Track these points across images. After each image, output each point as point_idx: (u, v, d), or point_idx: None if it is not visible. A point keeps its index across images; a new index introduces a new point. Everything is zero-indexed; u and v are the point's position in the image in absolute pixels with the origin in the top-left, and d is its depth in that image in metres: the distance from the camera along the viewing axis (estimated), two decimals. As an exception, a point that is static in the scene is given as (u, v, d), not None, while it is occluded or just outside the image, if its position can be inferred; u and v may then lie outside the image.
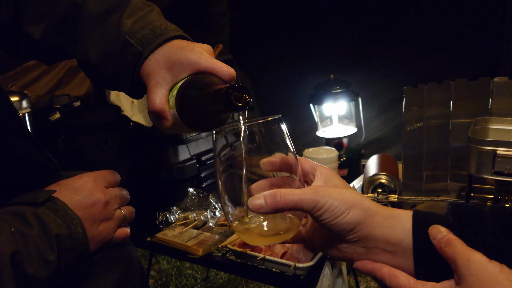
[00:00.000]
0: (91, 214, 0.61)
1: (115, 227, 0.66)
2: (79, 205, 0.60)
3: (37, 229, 0.52)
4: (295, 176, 0.49)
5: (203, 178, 1.93)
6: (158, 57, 0.58)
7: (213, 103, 0.52)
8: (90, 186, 0.63)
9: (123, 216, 0.68)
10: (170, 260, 1.82)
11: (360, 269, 0.47)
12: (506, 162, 0.90)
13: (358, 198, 0.45)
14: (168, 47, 0.58)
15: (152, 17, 0.61)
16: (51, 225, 0.54)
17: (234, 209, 0.50)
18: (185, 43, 0.59)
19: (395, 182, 1.09)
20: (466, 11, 1.93)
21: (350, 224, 0.44)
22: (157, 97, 0.56)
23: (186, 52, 0.57)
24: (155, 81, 0.57)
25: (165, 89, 0.57)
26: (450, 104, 1.15)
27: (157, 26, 0.59)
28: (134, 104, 1.86)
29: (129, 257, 0.70)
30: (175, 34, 0.59)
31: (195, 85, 0.55)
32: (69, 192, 0.60)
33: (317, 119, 1.98)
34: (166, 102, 0.56)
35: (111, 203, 0.64)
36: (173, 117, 0.56)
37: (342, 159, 1.82)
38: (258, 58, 2.46)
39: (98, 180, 0.65)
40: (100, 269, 0.65)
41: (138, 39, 0.58)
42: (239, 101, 0.49)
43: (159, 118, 0.57)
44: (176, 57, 0.57)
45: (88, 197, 0.62)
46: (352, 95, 1.88)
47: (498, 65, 1.86)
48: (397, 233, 0.44)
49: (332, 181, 0.49)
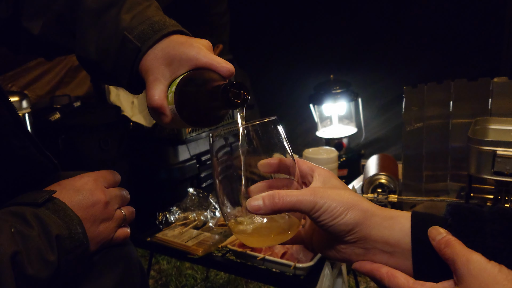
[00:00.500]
0: (91, 214, 0.61)
1: (115, 227, 0.66)
2: (79, 205, 0.60)
3: (37, 230, 0.53)
4: (293, 178, 0.49)
5: (203, 178, 1.93)
6: (156, 53, 0.57)
7: (212, 100, 0.52)
8: (91, 187, 0.63)
9: (123, 216, 0.68)
10: (170, 260, 1.82)
11: (359, 269, 0.47)
12: (506, 162, 0.90)
13: (357, 199, 0.45)
14: (167, 42, 0.58)
15: (150, 12, 0.61)
16: (51, 226, 0.54)
17: (232, 209, 0.50)
18: (184, 39, 0.59)
19: (395, 182, 1.09)
20: (466, 11, 1.93)
21: (349, 225, 0.44)
22: (156, 93, 0.56)
23: (185, 48, 0.56)
24: (153, 76, 0.57)
25: (163, 84, 0.57)
26: (450, 104, 1.16)
27: (155, 21, 0.59)
28: (134, 104, 1.86)
29: (129, 257, 0.70)
30: (174, 29, 0.59)
31: (193, 81, 0.55)
32: (69, 193, 0.60)
33: (317, 119, 1.98)
34: (165, 98, 0.56)
35: (111, 203, 0.65)
36: (172, 112, 0.56)
37: (342, 159, 1.82)
38: (258, 58, 2.46)
39: (99, 180, 0.65)
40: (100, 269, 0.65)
41: (137, 34, 0.58)
42: (237, 98, 0.49)
43: (158, 114, 0.57)
44: (174, 53, 0.56)
45: (88, 198, 0.62)
46: (352, 95, 1.88)
47: (498, 65, 1.86)
48: (395, 234, 0.44)
49: (330, 182, 0.49)
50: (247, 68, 2.45)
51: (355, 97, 1.89)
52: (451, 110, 1.16)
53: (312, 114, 2.00)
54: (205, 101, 0.52)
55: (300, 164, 0.51)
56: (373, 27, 2.14)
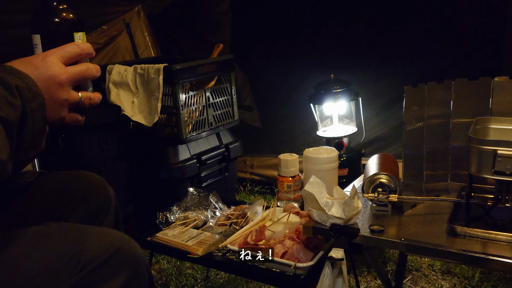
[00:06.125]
0: (43, 87, 0.64)
1: (66, 108, 0.69)
2: (33, 76, 0.64)
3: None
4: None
5: (203, 177, 1.93)
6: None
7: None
8: (47, 63, 0.66)
9: (78, 99, 0.70)
10: (170, 260, 1.82)
11: None
12: (506, 162, 0.90)
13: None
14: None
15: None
16: (9, 78, 0.59)
17: None
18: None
19: (396, 182, 1.09)
20: (466, 11, 1.93)
21: None
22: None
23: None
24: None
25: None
26: (451, 103, 1.15)
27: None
28: (134, 104, 1.86)
29: (136, 260, 0.70)
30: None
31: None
32: (23, 65, 0.64)
33: (317, 118, 1.98)
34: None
35: (66, 83, 0.67)
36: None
37: (343, 159, 1.82)
38: (259, 58, 2.45)
39: (57, 56, 0.67)
40: (107, 273, 0.65)
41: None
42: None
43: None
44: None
45: (43, 72, 0.65)
46: (352, 95, 1.87)
47: (499, 65, 1.86)
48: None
49: None
50: (247, 68, 2.45)
51: (356, 97, 1.89)
52: (452, 110, 1.16)
53: (312, 114, 1.99)
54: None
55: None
56: (373, 27, 2.13)
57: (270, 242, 1.13)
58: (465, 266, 1.60)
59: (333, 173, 1.45)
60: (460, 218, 1.01)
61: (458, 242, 0.93)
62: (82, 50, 0.70)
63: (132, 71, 1.84)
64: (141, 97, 1.84)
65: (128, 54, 2.53)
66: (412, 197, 1.09)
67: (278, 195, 1.50)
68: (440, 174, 1.19)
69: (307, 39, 2.29)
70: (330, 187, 1.08)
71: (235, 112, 2.09)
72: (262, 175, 2.44)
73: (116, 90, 1.89)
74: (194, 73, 1.83)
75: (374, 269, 1.53)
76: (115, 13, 2.47)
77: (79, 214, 0.91)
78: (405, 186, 1.09)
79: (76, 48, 0.70)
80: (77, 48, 0.70)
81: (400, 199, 1.07)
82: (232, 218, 1.31)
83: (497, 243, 0.92)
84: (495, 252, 0.88)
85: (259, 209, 1.33)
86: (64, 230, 0.72)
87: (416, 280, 1.61)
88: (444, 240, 0.94)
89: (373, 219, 1.06)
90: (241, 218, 1.30)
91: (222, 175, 2.05)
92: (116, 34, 2.49)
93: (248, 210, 1.32)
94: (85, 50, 0.71)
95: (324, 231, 1.01)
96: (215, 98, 1.98)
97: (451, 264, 1.65)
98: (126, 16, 2.51)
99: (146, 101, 1.83)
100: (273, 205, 1.32)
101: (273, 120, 2.44)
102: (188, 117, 1.86)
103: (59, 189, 0.93)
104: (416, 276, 1.64)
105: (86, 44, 0.72)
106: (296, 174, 1.48)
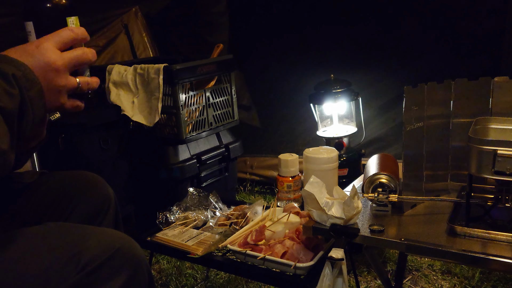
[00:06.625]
0: (40, 75, 0.63)
1: (65, 94, 0.68)
2: (30, 64, 0.63)
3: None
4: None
5: (203, 177, 1.93)
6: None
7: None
8: (42, 49, 0.65)
9: (76, 84, 0.69)
10: (170, 260, 1.82)
11: None
12: (506, 162, 0.90)
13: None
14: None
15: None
16: (5, 67, 0.59)
17: None
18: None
19: (396, 182, 1.08)
20: (466, 11, 1.93)
21: None
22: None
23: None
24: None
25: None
26: (451, 103, 1.15)
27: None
28: (134, 104, 1.86)
29: (136, 260, 0.69)
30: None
31: None
32: (18, 53, 0.63)
33: (317, 118, 1.98)
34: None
35: (63, 68, 0.66)
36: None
37: (343, 159, 1.82)
38: (258, 58, 2.45)
39: (52, 42, 0.66)
40: (107, 273, 0.65)
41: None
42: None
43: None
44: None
45: (39, 59, 0.64)
46: (352, 95, 1.87)
47: (499, 65, 1.86)
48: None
49: None
50: (247, 68, 2.45)
51: (356, 97, 1.89)
52: (452, 110, 1.16)
53: (312, 114, 1.99)
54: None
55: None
56: (373, 27, 2.13)
57: (270, 242, 1.13)
58: (465, 266, 1.60)
59: (333, 173, 1.45)
60: (460, 218, 1.01)
61: (458, 242, 0.93)
62: (77, 34, 0.69)
63: (132, 71, 1.84)
64: (141, 97, 1.84)
65: (127, 55, 2.53)
66: (412, 197, 1.09)
67: (278, 195, 1.50)
68: (440, 174, 1.19)
69: (307, 39, 2.29)
70: (330, 187, 1.08)
71: (235, 112, 2.09)
72: (262, 175, 2.44)
73: (116, 90, 1.88)
74: (194, 73, 1.83)
75: (374, 269, 1.53)
76: (115, 16, 2.48)
77: (79, 214, 0.91)
78: (405, 186, 1.09)
79: (70, 33, 0.69)
80: (71, 33, 0.69)
81: (400, 199, 1.07)
82: (232, 218, 1.31)
83: (497, 243, 0.92)
84: (495, 252, 0.88)
85: (259, 209, 1.33)
86: (64, 230, 0.72)
87: (416, 280, 1.61)
88: (444, 240, 0.94)
89: (373, 219, 1.06)
90: (241, 218, 1.30)
91: (222, 175, 2.05)
92: (115, 36, 2.50)
93: (248, 210, 1.32)
94: (80, 34, 0.70)
95: (324, 231, 1.01)
96: (215, 98, 1.98)
97: (451, 264, 1.65)
98: (124, 17, 2.51)
99: (146, 101, 1.83)
100: (273, 205, 1.32)
101: (273, 120, 2.44)
102: (188, 117, 1.86)
103: (59, 189, 0.93)
104: (416, 276, 1.64)
105: (80, 29, 0.71)
106: (296, 174, 1.48)
